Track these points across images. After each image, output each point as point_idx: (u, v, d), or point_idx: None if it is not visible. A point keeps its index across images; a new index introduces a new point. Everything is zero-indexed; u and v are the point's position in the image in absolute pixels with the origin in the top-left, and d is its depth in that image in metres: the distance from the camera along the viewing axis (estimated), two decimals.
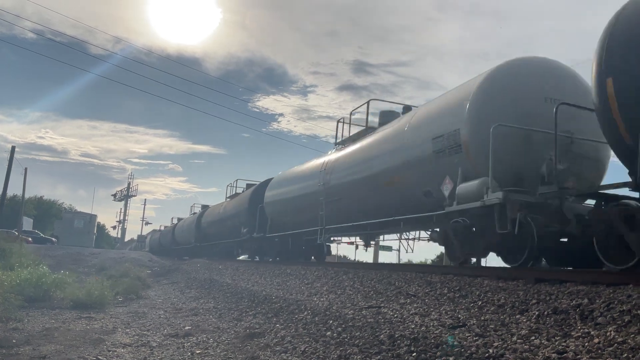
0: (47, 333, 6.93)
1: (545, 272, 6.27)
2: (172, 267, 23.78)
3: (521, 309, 4.93)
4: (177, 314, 9.22)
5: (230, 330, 7.14)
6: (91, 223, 56.10)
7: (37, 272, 10.88)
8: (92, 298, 9.84)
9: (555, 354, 3.42)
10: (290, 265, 14.09)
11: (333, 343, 5.16)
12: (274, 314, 7.49)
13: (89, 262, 23.43)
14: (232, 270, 16.04)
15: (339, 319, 5.88)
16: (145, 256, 32.11)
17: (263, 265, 15.53)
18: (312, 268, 11.59)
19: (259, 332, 6.56)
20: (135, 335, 7.13)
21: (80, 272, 18.77)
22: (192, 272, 18.53)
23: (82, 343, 6.36)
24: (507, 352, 3.66)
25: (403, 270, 8.68)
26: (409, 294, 6.77)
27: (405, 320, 5.23)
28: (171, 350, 6.09)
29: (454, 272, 7.53)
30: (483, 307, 5.37)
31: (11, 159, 33.66)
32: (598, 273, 5.60)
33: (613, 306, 4.17)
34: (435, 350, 4.11)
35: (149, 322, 8.37)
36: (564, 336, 3.89)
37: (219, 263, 20.35)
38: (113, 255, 27.79)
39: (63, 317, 8.55)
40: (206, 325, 7.79)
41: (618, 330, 3.71)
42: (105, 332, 7.27)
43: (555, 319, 4.39)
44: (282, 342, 5.82)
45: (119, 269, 18.10)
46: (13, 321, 7.64)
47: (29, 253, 18.62)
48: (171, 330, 7.49)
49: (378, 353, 4.42)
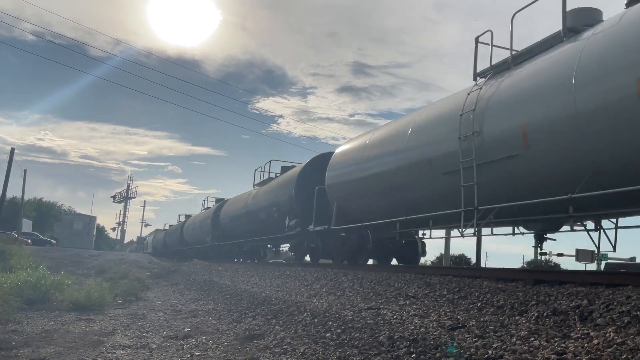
0: (46, 335, 6.92)
1: (544, 274, 6.27)
2: (172, 268, 23.75)
3: (520, 310, 4.93)
4: (176, 316, 9.21)
5: (229, 332, 7.13)
6: (90, 225, 56.03)
7: (37, 274, 10.85)
8: (92, 300, 9.83)
9: (554, 355, 3.42)
10: (290, 266, 14.08)
11: (332, 344, 5.16)
12: (274, 315, 7.49)
13: (88, 263, 23.40)
14: (231, 272, 16.03)
15: (339, 321, 5.88)
16: (144, 258, 32.08)
17: (262, 267, 15.51)
18: (312, 269, 11.59)
19: (259, 334, 6.56)
20: (134, 337, 7.12)
21: (79, 273, 18.76)
22: (192, 274, 18.51)
23: (81, 345, 6.35)
24: (507, 353, 3.66)
25: (402, 272, 8.68)
26: (408, 296, 6.78)
27: (404, 322, 5.23)
28: (170, 352, 6.08)
29: (453, 273, 7.54)
30: (482, 309, 5.37)
31: (10, 161, 33.62)
32: (598, 274, 5.60)
33: (612, 307, 4.17)
34: (434, 351, 4.11)
35: (148, 323, 8.37)
36: (563, 337, 3.89)
37: (219, 265, 20.32)
38: (112, 257, 27.75)
39: (62, 319, 8.54)
40: (206, 326, 7.78)
41: (617, 331, 3.71)
42: (104, 334, 7.26)
43: (555, 320, 4.39)
44: (282, 343, 5.82)
45: (119, 271, 18.08)
46: (12, 323, 7.63)
47: (28, 255, 18.59)
48: (170, 332, 7.49)
49: (377, 354, 4.42)
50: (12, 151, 33.91)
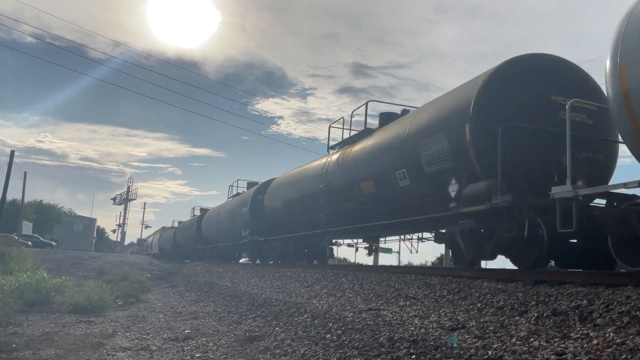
0: (46, 337, 6.93)
1: (544, 274, 6.27)
2: (172, 270, 23.76)
3: (520, 311, 4.94)
4: (176, 318, 9.22)
5: (230, 334, 7.13)
6: (91, 227, 56.15)
7: (37, 276, 10.86)
8: (92, 302, 9.83)
9: (554, 355, 3.43)
10: (290, 267, 14.09)
11: (333, 346, 5.16)
12: (274, 317, 7.49)
13: (88, 265, 23.41)
14: (231, 273, 16.03)
15: (339, 322, 5.88)
16: (145, 260, 32.08)
17: (263, 268, 15.52)
18: (312, 271, 11.59)
19: (259, 335, 6.56)
20: (135, 339, 7.12)
21: (80, 276, 18.77)
22: (192, 276, 18.51)
23: (81, 347, 6.35)
24: (506, 353, 3.66)
25: (402, 273, 8.68)
26: (408, 296, 6.78)
27: (404, 323, 5.23)
28: (171, 353, 6.09)
29: (453, 274, 7.54)
30: (482, 309, 5.37)
31: (10, 163, 33.65)
32: (597, 274, 5.60)
33: (612, 307, 4.18)
34: (434, 352, 4.11)
35: (148, 325, 8.37)
36: (563, 338, 3.89)
37: (219, 266, 20.33)
38: (113, 259, 27.77)
39: (63, 321, 8.54)
40: (206, 328, 7.78)
41: (617, 331, 3.71)
42: (105, 336, 7.26)
43: (555, 321, 4.39)
44: (282, 345, 5.82)
45: (119, 273, 18.10)
46: (13, 325, 7.63)
47: (29, 257, 18.61)
48: (171, 333, 7.49)
49: (377, 356, 4.42)
50: (12, 153, 33.95)
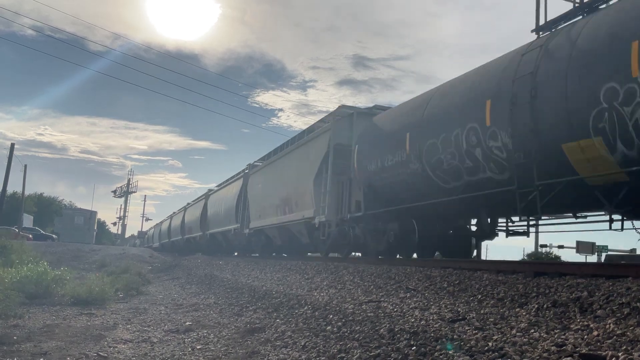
0: (48, 329, 6.94)
1: (545, 266, 6.28)
2: (173, 262, 23.80)
3: (521, 303, 4.94)
4: (177, 310, 9.24)
5: (230, 326, 7.15)
6: (91, 220, 56.11)
7: (38, 269, 10.87)
8: (93, 294, 9.85)
9: (554, 346, 3.43)
10: (291, 260, 14.12)
11: (333, 337, 5.17)
12: (274, 309, 7.50)
13: (89, 258, 23.44)
14: (232, 265, 16.07)
15: (339, 314, 5.89)
16: (146, 252, 32.12)
17: (263, 261, 15.54)
18: (313, 263, 11.61)
19: (260, 327, 6.58)
20: (136, 331, 7.14)
21: (80, 268, 18.81)
22: (193, 268, 18.55)
23: (83, 339, 6.37)
24: (507, 345, 3.67)
25: (403, 265, 8.69)
26: (408, 288, 6.79)
27: (405, 314, 5.24)
28: (172, 345, 6.10)
29: (454, 266, 7.55)
30: (483, 301, 5.38)
31: (10, 156, 33.62)
32: (598, 266, 5.61)
33: (612, 299, 4.18)
34: (434, 344, 4.11)
35: (149, 318, 8.39)
36: (563, 329, 3.90)
37: (219, 259, 20.36)
38: (113, 252, 27.80)
39: (64, 313, 8.57)
40: (207, 320, 7.80)
41: (617, 322, 3.71)
42: (106, 328, 7.28)
43: (555, 312, 4.40)
44: (283, 336, 5.83)
45: (120, 265, 18.13)
46: (14, 318, 7.65)
47: (29, 250, 18.63)
48: (172, 325, 7.51)
49: (378, 347, 4.43)
50: (12, 146, 33.91)
